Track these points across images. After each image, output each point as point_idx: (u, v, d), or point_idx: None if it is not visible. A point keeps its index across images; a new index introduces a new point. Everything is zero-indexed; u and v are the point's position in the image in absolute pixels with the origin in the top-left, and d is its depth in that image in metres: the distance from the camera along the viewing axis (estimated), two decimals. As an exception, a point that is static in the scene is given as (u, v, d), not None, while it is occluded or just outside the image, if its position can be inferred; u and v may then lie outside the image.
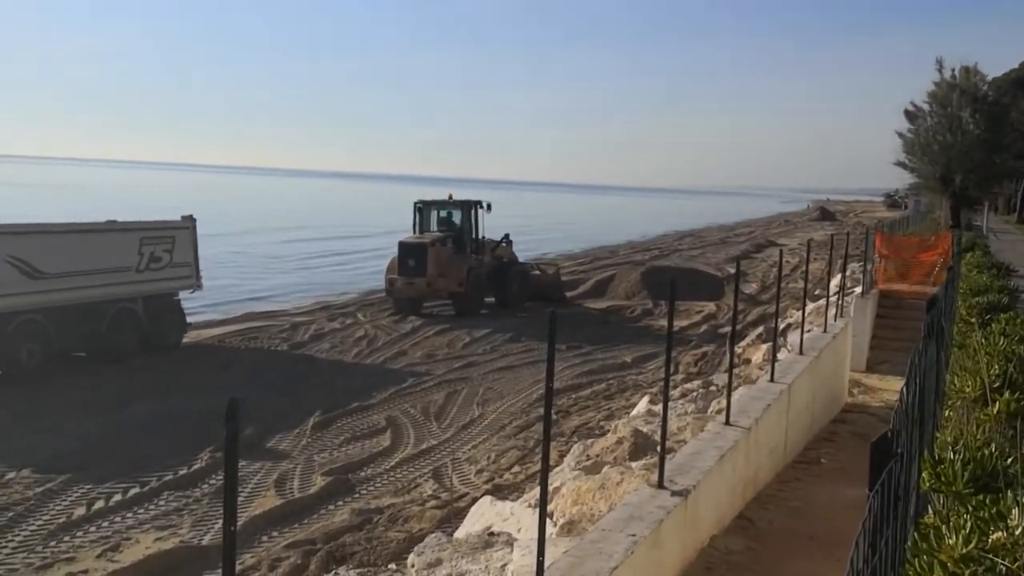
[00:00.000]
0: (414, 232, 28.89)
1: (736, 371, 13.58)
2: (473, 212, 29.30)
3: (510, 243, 30.92)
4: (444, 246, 27.81)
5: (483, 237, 29.44)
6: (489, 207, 29.21)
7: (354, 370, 20.26)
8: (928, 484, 3.31)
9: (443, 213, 29.68)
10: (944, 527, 2.75)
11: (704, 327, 25.55)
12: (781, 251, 20.09)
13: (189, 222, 22.65)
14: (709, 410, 11.94)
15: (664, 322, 8.05)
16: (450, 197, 30.03)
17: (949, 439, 3.72)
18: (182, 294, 22.74)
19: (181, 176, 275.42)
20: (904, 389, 3.72)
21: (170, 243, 21.91)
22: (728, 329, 15.88)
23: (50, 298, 19.08)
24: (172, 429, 15.00)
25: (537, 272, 31.93)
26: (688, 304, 28.75)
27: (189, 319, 23.33)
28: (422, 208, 29.49)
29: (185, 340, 22.58)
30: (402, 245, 27.65)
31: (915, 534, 2.94)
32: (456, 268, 27.58)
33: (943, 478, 3.27)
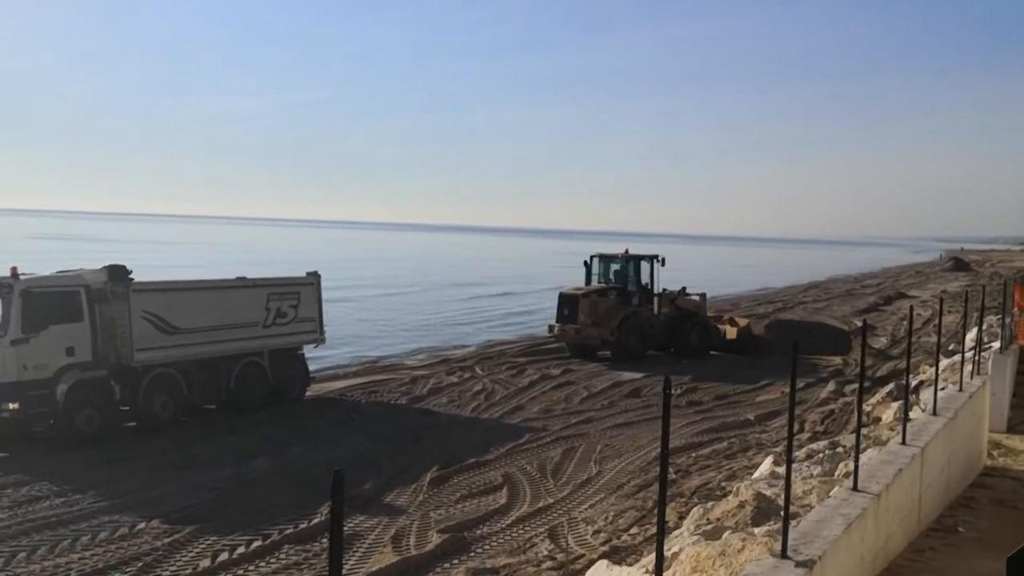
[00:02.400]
0: (585, 283, 31.63)
1: (865, 431, 13.06)
2: (636, 265, 31.89)
3: (703, 297, 32.84)
4: (603, 297, 30.42)
5: (663, 289, 31.71)
6: (663, 261, 31.67)
7: (471, 425, 20.31)
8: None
9: (616, 266, 32.13)
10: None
11: (830, 384, 24.72)
12: (912, 305, 19.32)
13: (314, 278, 23.30)
14: (836, 473, 11.47)
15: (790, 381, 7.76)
16: (626, 252, 32.48)
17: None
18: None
19: (327, 233, 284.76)
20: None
21: (296, 299, 22.55)
22: (856, 386, 15.30)
23: (183, 352, 19.85)
24: (293, 481, 15.27)
25: (728, 326, 32.78)
26: (814, 359, 27.95)
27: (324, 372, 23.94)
28: (591, 261, 32.05)
29: (309, 393, 23.09)
30: (560, 296, 30.97)
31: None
32: (610, 318, 29.92)
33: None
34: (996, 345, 18.28)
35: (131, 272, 19.37)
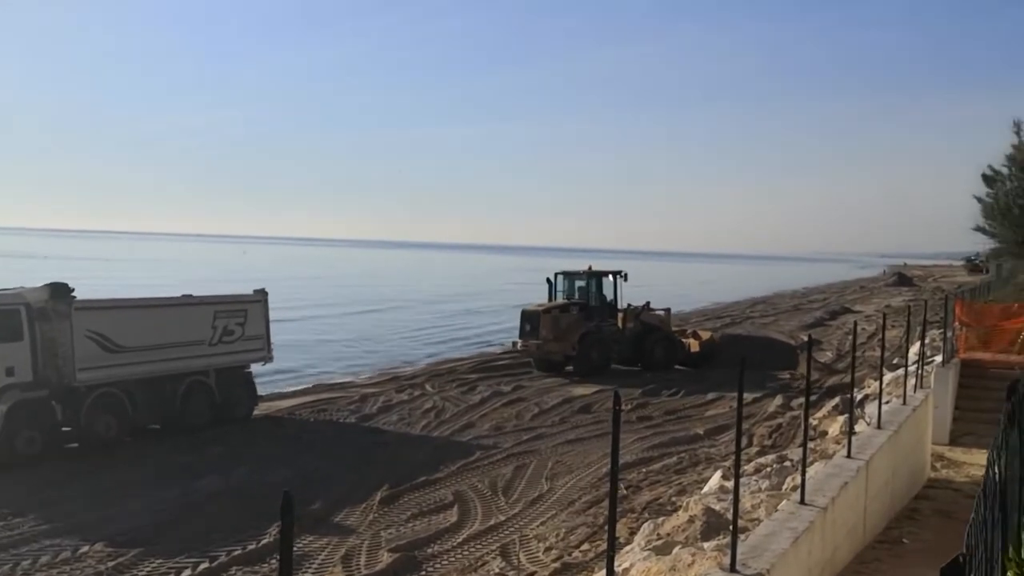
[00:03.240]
0: (548, 300, 31.99)
1: (812, 445, 13.26)
2: (599, 281, 32.40)
3: (667, 311, 33.31)
4: (564, 313, 30.77)
5: (628, 305, 32.09)
6: (626, 277, 32.14)
7: (421, 443, 20.24)
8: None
9: (580, 282, 32.50)
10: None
11: (778, 398, 25.05)
12: (856, 320, 19.70)
13: (261, 295, 23.09)
14: (784, 486, 11.64)
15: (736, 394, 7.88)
16: (589, 268, 33.05)
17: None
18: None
19: (269, 249, 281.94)
20: (981, 491, 3.56)
21: (243, 316, 22.31)
22: (803, 400, 15.56)
23: (127, 372, 19.54)
24: (241, 503, 15.09)
25: (692, 340, 33.07)
26: (761, 374, 28.31)
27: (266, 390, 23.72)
28: (554, 279, 32.40)
29: (256, 412, 22.84)
30: (523, 312, 31.36)
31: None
32: (570, 333, 30.26)
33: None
34: (939, 359, 18.65)
35: (73, 290, 19.04)
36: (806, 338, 14.66)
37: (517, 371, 30.65)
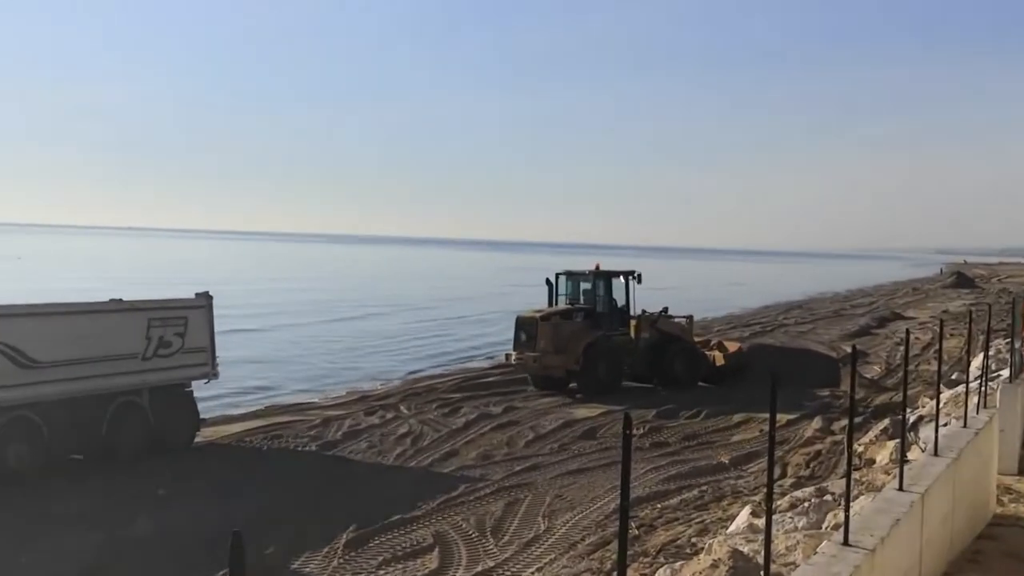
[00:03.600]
0: (549, 304, 31.90)
1: (856, 475, 13.25)
2: (608, 283, 32.12)
3: (689, 319, 33.37)
4: (566, 319, 30.77)
5: (642, 311, 31.99)
6: (639, 278, 31.62)
7: (395, 475, 20.23)
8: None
9: (585, 284, 32.29)
10: None
11: (816, 420, 25.06)
12: (908, 328, 19.76)
13: (204, 300, 22.99)
14: (824, 525, 11.67)
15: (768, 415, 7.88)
16: (597, 267, 32.71)
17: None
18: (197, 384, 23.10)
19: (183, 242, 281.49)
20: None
21: (182, 325, 22.24)
22: (846, 422, 15.56)
23: (43, 391, 19.43)
24: (180, 546, 15.03)
25: (716, 352, 33.14)
26: (797, 392, 28.34)
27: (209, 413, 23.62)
28: (556, 280, 32.21)
29: (198, 439, 22.76)
30: (518, 320, 31.08)
31: None
32: (574, 343, 30.17)
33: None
34: (1005, 373, 18.60)
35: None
36: (849, 349, 14.67)
37: (509, 389, 30.74)
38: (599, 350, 30.45)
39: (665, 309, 32.79)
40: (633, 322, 31.78)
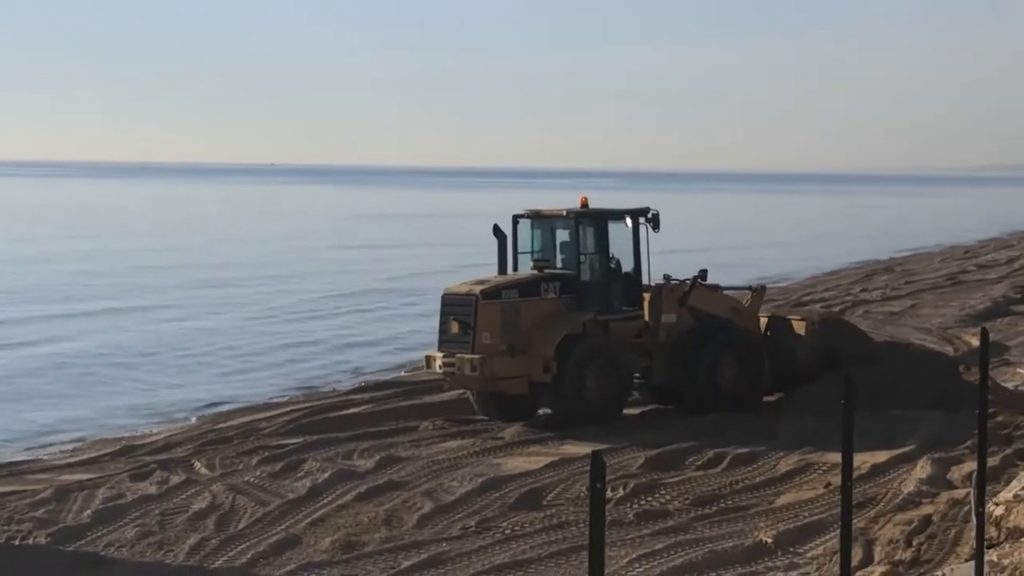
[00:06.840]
0: (500, 271, 22.37)
1: (993, 557, 11.30)
2: (601, 231, 22.37)
3: (760, 290, 24.07)
4: (531, 296, 21.54)
5: (665, 277, 22.62)
6: (657, 222, 22.00)
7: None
8: None
9: (563, 234, 22.55)
10: None
11: (923, 464, 17.54)
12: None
13: None
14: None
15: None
16: (583, 203, 22.42)
17: None
18: None
19: None
20: None
21: None
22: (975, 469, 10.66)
23: None
24: None
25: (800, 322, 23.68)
26: (887, 413, 20.26)
27: None
28: (513, 227, 22.52)
29: None
30: (444, 297, 22.10)
31: None
32: (543, 336, 21.07)
33: None
34: None
35: None
36: (974, 341, 10.64)
37: (389, 426, 21.74)
38: (587, 347, 21.09)
39: (703, 274, 22.92)
40: (648, 297, 22.01)
